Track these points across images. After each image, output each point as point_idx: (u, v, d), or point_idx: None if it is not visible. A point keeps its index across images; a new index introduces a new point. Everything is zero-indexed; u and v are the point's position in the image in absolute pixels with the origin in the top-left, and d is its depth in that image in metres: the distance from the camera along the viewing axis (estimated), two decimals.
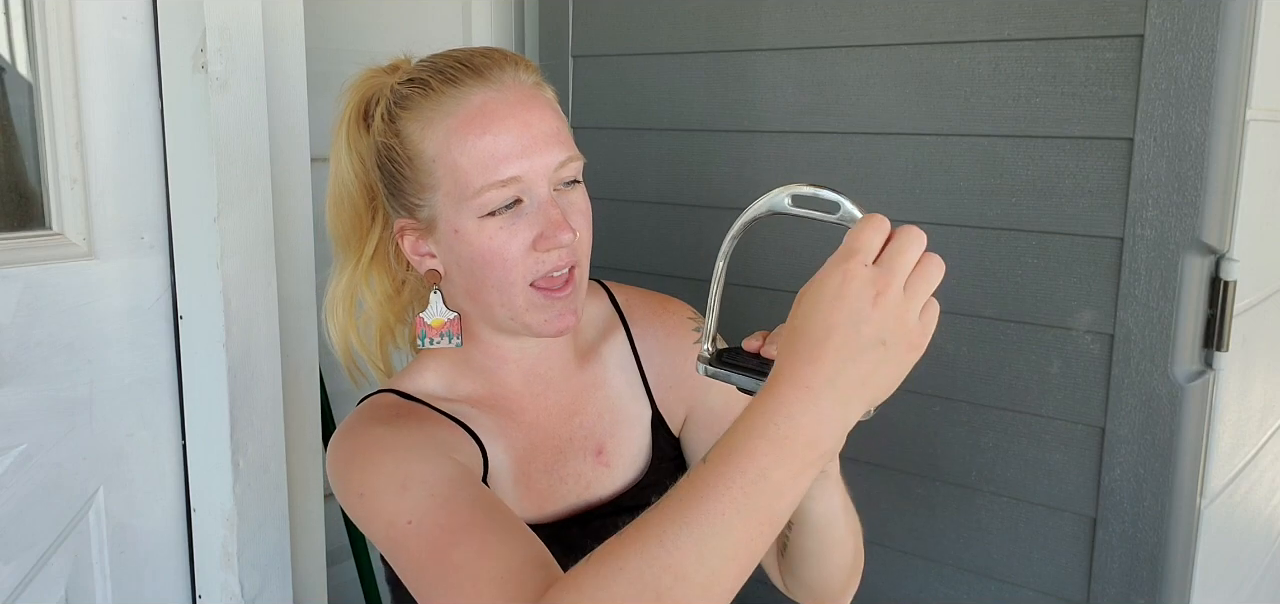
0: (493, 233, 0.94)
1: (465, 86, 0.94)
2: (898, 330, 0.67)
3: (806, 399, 0.66)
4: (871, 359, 0.66)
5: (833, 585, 1.01)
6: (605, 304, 1.13)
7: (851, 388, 0.66)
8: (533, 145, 0.93)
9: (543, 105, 0.96)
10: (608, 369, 1.09)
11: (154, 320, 1.39)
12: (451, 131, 0.94)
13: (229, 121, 1.32)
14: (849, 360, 0.66)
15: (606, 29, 1.73)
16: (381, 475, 0.90)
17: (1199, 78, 1.18)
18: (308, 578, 1.54)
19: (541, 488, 1.03)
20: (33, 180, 1.30)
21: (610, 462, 1.07)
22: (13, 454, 1.27)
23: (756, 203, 0.77)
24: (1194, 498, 1.29)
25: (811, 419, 0.66)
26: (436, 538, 0.84)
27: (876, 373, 0.67)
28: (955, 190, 1.39)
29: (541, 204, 0.94)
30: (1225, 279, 1.25)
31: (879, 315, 0.66)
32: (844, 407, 0.67)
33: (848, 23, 1.45)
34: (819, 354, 0.66)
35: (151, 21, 1.34)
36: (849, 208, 0.72)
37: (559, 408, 1.06)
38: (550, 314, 0.96)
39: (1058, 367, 1.34)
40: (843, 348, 0.65)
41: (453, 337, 1.02)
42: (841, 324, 0.66)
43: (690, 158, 1.65)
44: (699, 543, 0.67)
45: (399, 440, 0.93)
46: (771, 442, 0.66)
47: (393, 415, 0.98)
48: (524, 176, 0.93)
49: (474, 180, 0.93)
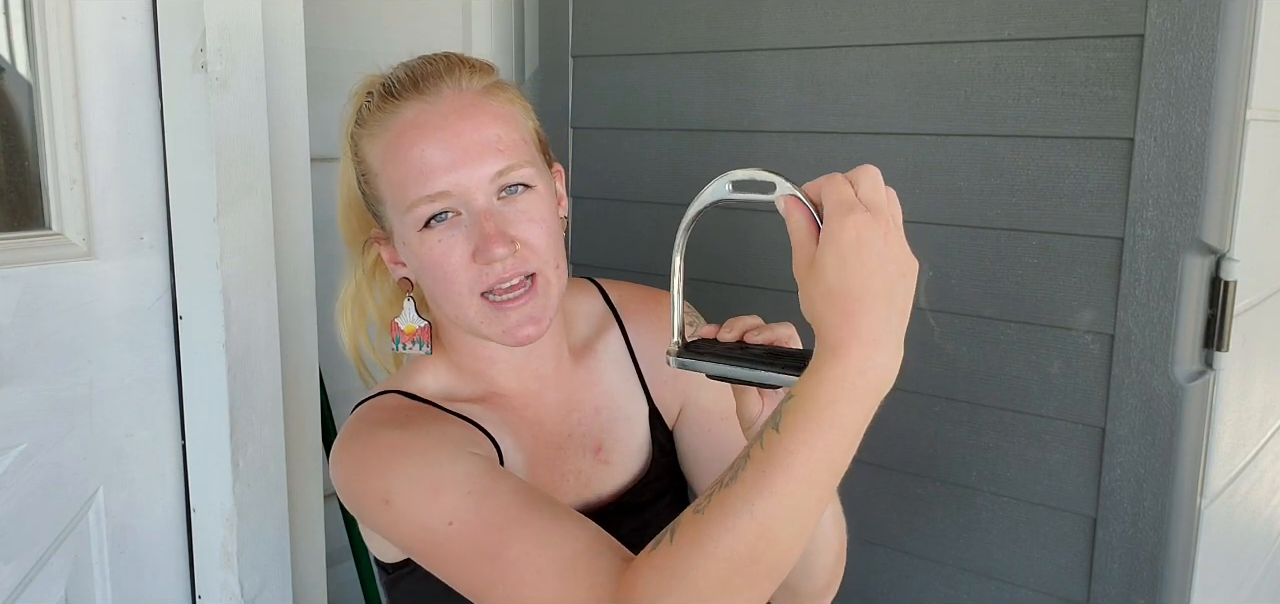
0: (432, 245, 0.94)
1: (402, 101, 0.95)
2: (906, 256, 0.72)
3: (873, 350, 0.70)
4: (902, 290, 0.71)
5: (816, 584, 1.01)
6: (598, 302, 1.13)
7: (899, 322, 0.72)
8: (463, 157, 0.92)
9: (481, 114, 0.95)
10: (603, 366, 1.10)
11: (154, 320, 1.39)
12: (387, 146, 0.95)
13: (229, 121, 1.32)
14: (890, 300, 0.71)
15: (606, 29, 1.73)
16: (406, 479, 0.89)
17: (1199, 78, 1.18)
18: (308, 578, 1.54)
19: (544, 486, 1.03)
20: (33, 180, 1.30)
21: (609, 458, 1.07)
22: (13, 454, 1.27)
23: (701, 194, 0.80)
24: (1194, 498, 1.29)
25: (881, 365, 0.71)
26: (484, 536, 0.83)
27: (907, 301, 0.72)
28: (955, 190, 1.39)
29: (477, 216, 0.93)
30: (1225, 279, 1.25)
31: (894, 251, 0.71)
32: (899, 342, 0.72)
33: (848, 23, 1.45)
34: (869, 306, 0.70)
35: (151, 21, 1.34)
36: (785, 185, 0.75)
37: (556, 406, 1.06)
38: (506, 325, 0.95)
39: (1058, 367, 1.34)
40: (883, 292, 0.70)
41: (422, 344, 1.03)
42: (874, 271, 0.70)
43: (690, 158, 1.65)
44: (790, 505, 0.72)
45: (416, 441, 0.92)
46: (852, 399, 0.71)
47: (402, 416, 0.97)
48: (453, 190, 0.92)
49: (408, 193, 0.93)
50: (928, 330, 1.43)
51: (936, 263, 1.42)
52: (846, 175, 0.73)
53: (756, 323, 0.85)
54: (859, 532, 1.04)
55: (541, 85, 1.86)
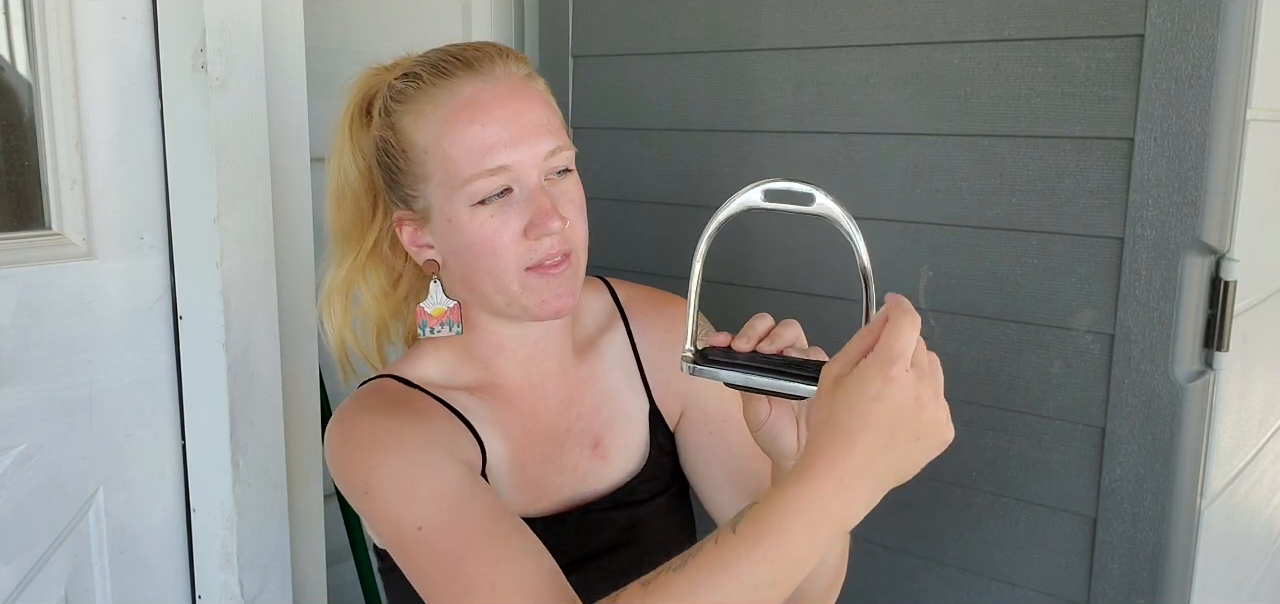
0: (484, 221, 0.95)
1: (456, 78, 0.96)
2: (933, 429, 0.72)
3: (839, 487, 0.71)
4: (905, 450, 0.71)
5: (816, 588, 1.01)
6: (606, 299, 1.14)
7: (884, 474, 0.72)
8: (521, 135, 0.94)
9: (533, 96, 0.98)
10: (606, 363, 1.10)
11: (154, 320, 1.39)
12: (442, 122, 0.95)
13: (229, 121, 1.32)
14: (884, 452, 0.71)
15: (606, 29, 1.73)
16: (386, 475, 0.90)
17: (1199, 78, 1.18)
18: (308, 578, 1.54)
19: (537, 478, 1.04)
20: (33, 180, 1.30)
21: (606, 454, 1.08)
22: (12, 454, 1.27)
23: (730, 202, 0.80)
24: (1194, 498, 1.29)
25: (842, 502, 0.72)
26: (447, 548, 0.86)
27: (906, 461, 0.72)
28: (955, 190, 1.39)
29: (531, 192, 0.95)
30: (1225, 279, 1.25)
31: (920, 419, 0.71)
32: (874, 490, 0.72)
33: (848, 23, 1.45)
34: (852, 446, 0.71)
35: (151, 21, 1.34)
36: (824, 199, 0.75)
37: (556, 400, 1.07)
38: (546, 294, 0.96)
39: (1058, 367, 1.34)
40: (877, 443, 0.70)
41: (453, 325, 1.03)
42: (878, 424, 0.70)
43: (690, 158, 1.65)
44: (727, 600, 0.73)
45: (401, 437, 0.93)
46: (804, 524, 0.72)
47: (391, 404, 0.98)
48: (512, 166, 0.94)
49: (464, 169, 0.94)
50: (928, 330, 1.43)
51: (936, 263, 1.42)
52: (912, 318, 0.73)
53: (767, 328, 0.85)
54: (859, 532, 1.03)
55: None
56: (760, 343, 0.84)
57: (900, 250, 1.44)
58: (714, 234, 0.82)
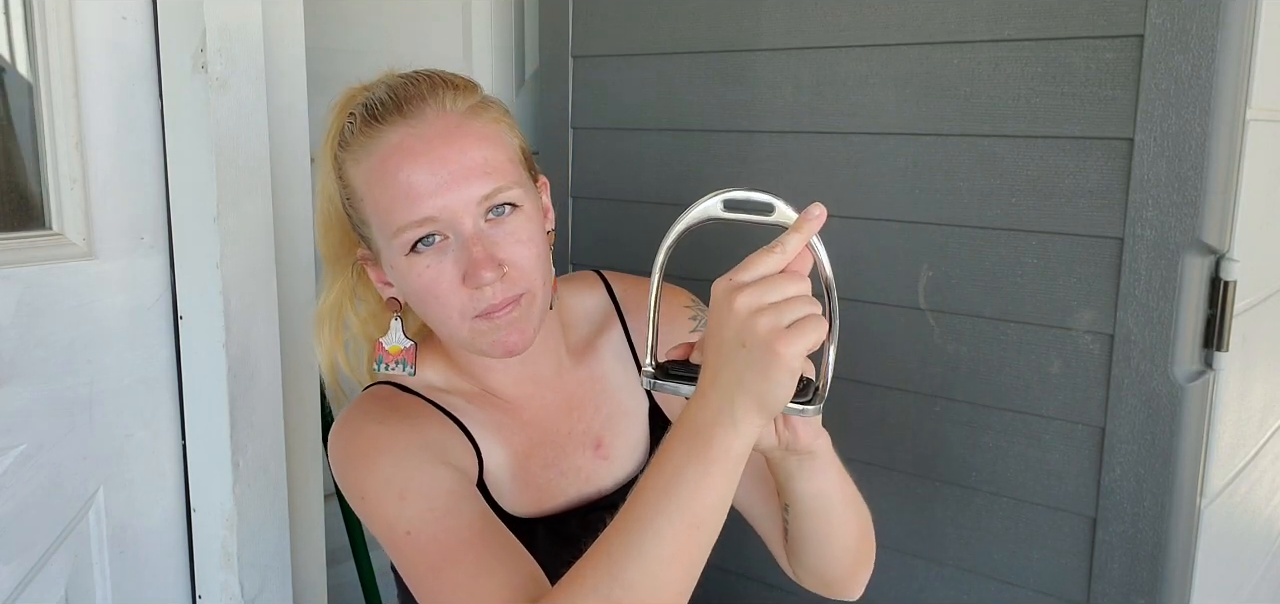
0: (421, 270, 0.93)
1: (386, 124, 0.93)
2: (751, 335, 0.73)
3: (699, 400, 0.76)
4: (739, 363, 0.74)
5: (839, 570, 1.02)
6: (602, 296, 1.14)
7: (729, 388, 0.74)
8: (449, 182, 0.91)
9: (466, 136, 0.93)
10: (604, 363, 1.10)
11: (154, 320, 1.39)
12: (372, 170, 0.94)
13: (229, 121, 1.32)
14: (722, 365, 0.75)
15: (606, 29, 1.73)
16: (380, 479, 0.91)
17: (1199, 78, 1.18)
18: (308, 578, 1.54)
19: (541, 483, 1.04)
20: (33, 180, 1.30)
21: (609, 455, 1.08)
22: (13, 454, 1.27)
23: (689, 211, 0.80)
24: (1194, 498, 1.29)
25: (703, 415, 0.75)
26: (433, 552, 0.87)
27: (747, 376, 0.74)
28: (955, 190, 1.39)
29: (465, 241, 0.92)
30: (1225, 279, 1.25)
31: (733, 322, 0.74)
32: (728, 404, 0.74)
33: (848, 23, 1.45)
34: (707, 360, 0.77)
35: (151, 21, 1.34)
36: (783, 208, 0.75)
37: (556, 405, 1.07)
38: (496, 336, 0.94)
39: (1058, 367, 1.34)
40: (718, 350, 0.75)
41: (406, 365, 1.03)
42: (714, 330, 0.76)
43: (690, 158, 1.65)
44: (639, 552, 0.75)
45: (395, 441, 0.94)
46: (679, 440, 0.76)
47: (388, 410, 0.98)
48: (439, 215, 0.91)
49: (393, 219, 0.93)
50: (928, 330, 1.43)
51: (936, 263, 1.42)
52: None
53: None
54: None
55: (541, 85, 1.86)
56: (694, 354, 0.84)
57: (900, 250, 1.44)
58: (673, 245, 0.81)
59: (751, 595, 1.61)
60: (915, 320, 1.44)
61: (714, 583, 0.88)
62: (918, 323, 1.44)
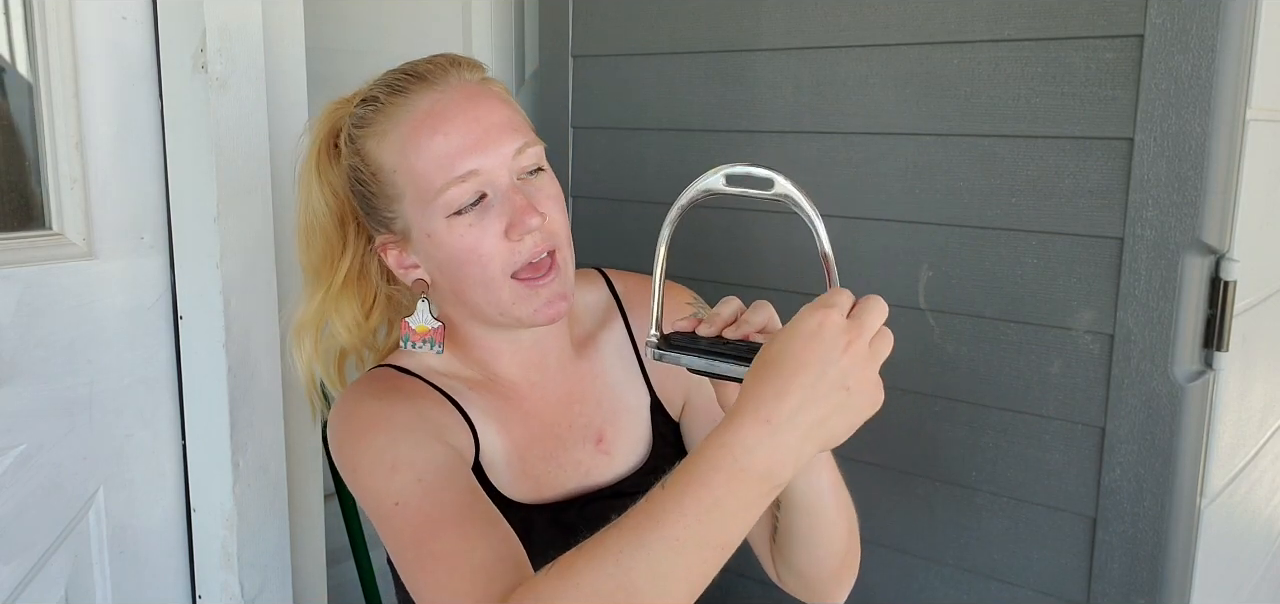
0: (463, 232, 0.95)
1: (412, 93, 0.96)
2: (860, 379, 0.71)
3: (766, 433, 0.69)
4: (833, 402, 0.70)
5: (824, 571, 1.01)
6: (603, 292, 1.15)
7: (811, 426, 0.70)
8: (485, 138, 0.95)
9: (490, 98, 0.98)
10: (605, 358, 1.11)
11: (154, 320, 1.39)
12: (405, 138, 0.96)
13: (229, 121, 1.32)
14: (813, 400, 0.69)
15: (606, 29, 1.73)
16: (372, 452, 0.92)
17: (1199, 78, 1.18)
18: (308, 578, 1.54)
19: (540, 474, 1.05)
20: (33, 180, 1.30)
21: (610, 449, 1.08)
22: (13, 454, 1.27)
23: (691, 186, 0.80)
24: (1194, 498, 1.29)
25: (768, 452, 0.69)
26: (420, 525, 0.87)
27: (835, 417, 0.70)
28: (955, 190, 1.39)
29: (505, 193, 0.95)
30: (1225, 279, 1.25)
31: (847, 361, 0.70)
32: (801, 443, 0.70)
33: (848, 23, 1.45)
34: (786, 389, 0.69)
35: (151, 21, 1.34)
36: (783, 184, 0.75)
37: (557, 397, 1.07)
38: (537, 303, 0.97)
39: (1058, 367, 1.34)
40: (809, 386, 0.69)
41: (434, 344, 1.04)
42: (812, 363, 0.69)
43: (690, 158, 1.65)
44: (652, 565, 0.70)
45: (391, 417, 0.94)
46: (728, 474, 0.70)
47: (387, 389, 0.99)
48: (481, 169, 0.94)
49: (434, 181, 0.94)
50: (928, 330, 1.43)
51: (936, 263, 1.42)
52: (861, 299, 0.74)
53: (735, 313, 0.84)
54: (859, 532, 1.04)
55: (541, 85, 1.86)
56: (727, 328, 0.83)
57: (900, 250, 1.44)
58: (677, 219, 0.82)
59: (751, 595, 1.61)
60: (915, 320, 1.44)
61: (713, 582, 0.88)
62: (918, 323, 1.44)
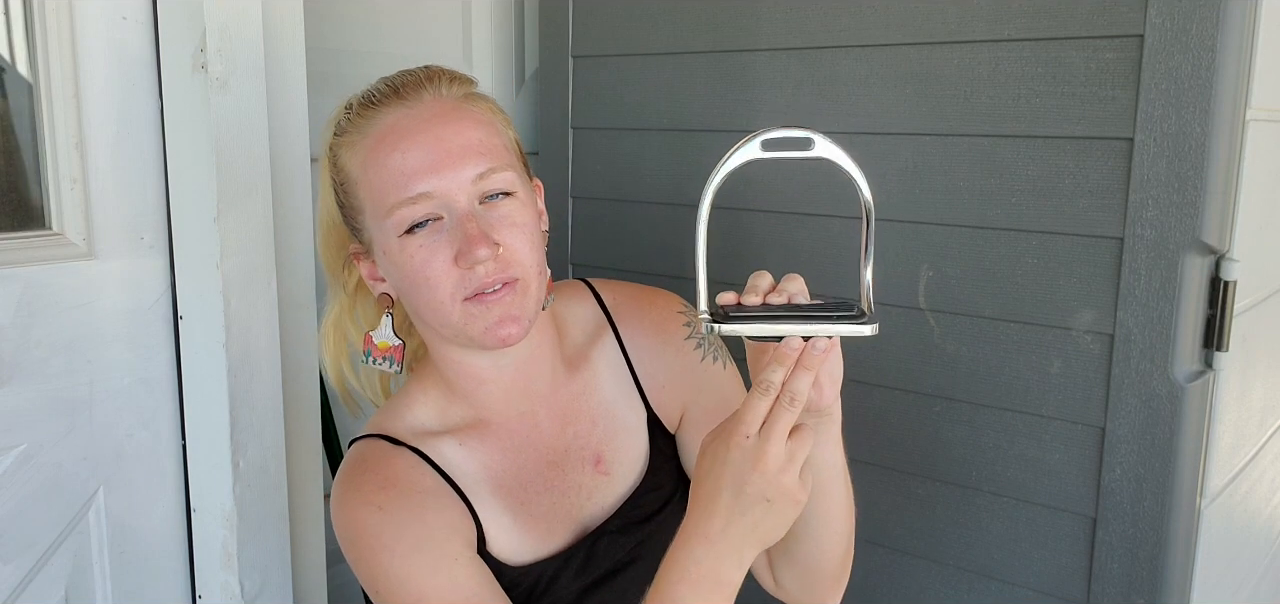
0: (413, 251, 0.93)
1: (381, 108, 0.95)
2: (777, 489, 0.78)
3: (706, 545, 0.81)
4: (757, 512, 0.79)
5: (827, 566, 1.00)
6: (592, 305, 1.11)
7: (742, 535, 0.80)
8: (444, 160, 0.92)
9: (462, 119, 0.94)
10: (598, 374, 1.08)
11: (154, 320, 1.39)
12: (368, 152, 0.95)
13: (229, 121, 1.32)
14: (738, 514, 0.79)
15: (606, 29, 1.73)
16: (391, 581, 0.92)
17: (1199, 78, 1.18)
18: (308, 578, 1.54)
19: (543, 511, 1.02)
20: (33, 180, 1.30)
21: (609, 470, 1.06)
22: (13, 454, 1.27)
23: (730, 156, 0.80)
24: (1194, 498, 1.29)
25: (712, 560, 0.81)
26: None
27: (764, 522, 0.80)
28: (955, 190, 1.39)
29: (459, 219, 0.92)
30: (1225, 279, 1.25)
31: (759, 480, 0.78)
32: (738, 549, 0.81)
33: (848, 23, 1.45)
34: (712, 509, 0.80)
35: (151, 21, 1.34)
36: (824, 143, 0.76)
37: (551, 422, 1.05)
38: (488, 321, 0.93)
39: (1058, 367, 1.34)
40: (731, 505, 0.79)
41: (393, 362, 1.03)
42: (727, 486, 0.79)
43: (690, 158, 1.65)
44: None
45: (399, 538, 0.93)
46: (689, 584, 0.82)
47: (385, 486, 0.96)
48: (435, 192, 0.91)
49: (387, 198, 0.93)
50: (928, 330, 1.43)
51: (936, 263, 1.42)
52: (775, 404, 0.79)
53: (770, 284, 0.84)
54: (859, 531, 1.04)
55: (541, 85, 1.86)
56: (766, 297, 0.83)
57: (900, 250, 1.44)
58: (716, 190, 0.81)
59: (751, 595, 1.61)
60: (915, 320, 1.44)
61: None
62: (918, 323, 1.44)
